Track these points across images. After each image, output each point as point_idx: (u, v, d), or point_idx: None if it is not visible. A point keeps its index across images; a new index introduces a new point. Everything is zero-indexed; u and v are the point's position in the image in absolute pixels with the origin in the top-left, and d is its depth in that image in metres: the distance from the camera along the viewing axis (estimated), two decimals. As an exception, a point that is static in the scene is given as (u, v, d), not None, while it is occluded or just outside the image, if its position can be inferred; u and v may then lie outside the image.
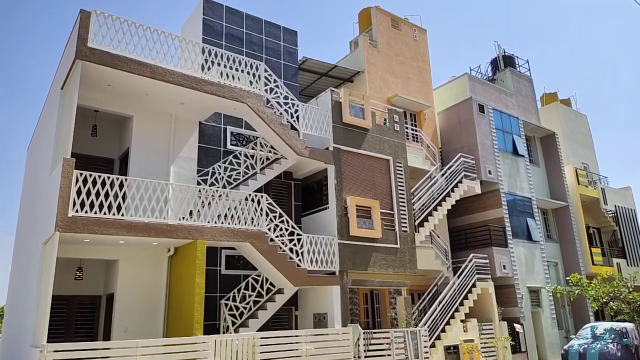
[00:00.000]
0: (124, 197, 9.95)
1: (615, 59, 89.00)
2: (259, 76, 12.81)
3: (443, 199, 17.05)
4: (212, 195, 11.24)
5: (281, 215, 12.40)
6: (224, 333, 11.60)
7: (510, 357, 16.26)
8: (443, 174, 17.66)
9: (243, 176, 13.22)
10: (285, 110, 13.38)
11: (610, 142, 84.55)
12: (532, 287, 18.86)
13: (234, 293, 12.25)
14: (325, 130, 13.88)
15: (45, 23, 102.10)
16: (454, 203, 17.38)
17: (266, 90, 13.08)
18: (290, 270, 11.88)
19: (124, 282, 10.92)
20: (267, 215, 12.07)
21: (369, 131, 14.82)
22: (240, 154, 13.35)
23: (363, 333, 11.90)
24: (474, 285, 16.45)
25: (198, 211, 10.92)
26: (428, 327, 14.33)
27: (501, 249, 18.18)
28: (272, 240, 11.99)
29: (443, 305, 15.31)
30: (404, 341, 12.56)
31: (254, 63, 12.81)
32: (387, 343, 12.24)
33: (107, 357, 8.30)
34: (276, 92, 13.38)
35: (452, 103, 20.68)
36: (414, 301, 16.30)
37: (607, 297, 16.87)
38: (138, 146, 11.83)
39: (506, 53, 24.53)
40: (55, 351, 7.85)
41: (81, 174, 9.35)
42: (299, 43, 16.28)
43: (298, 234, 12.53)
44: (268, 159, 13.64)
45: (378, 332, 12.35)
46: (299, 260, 12.28)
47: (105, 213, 9.52)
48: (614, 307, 17.00)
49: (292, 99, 13.54)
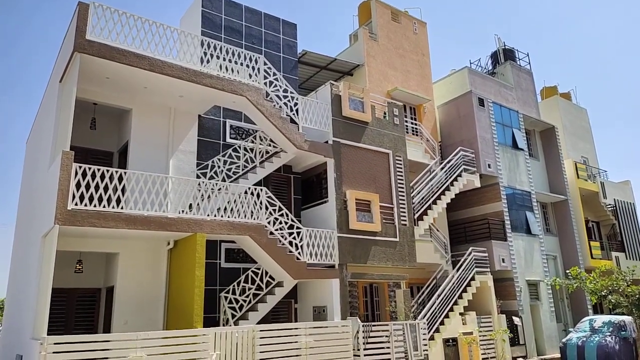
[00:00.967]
0: (124, 191, 9.95)
1: (616, 53, 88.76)
2: (259, 69, 12.77)
3: (442, 193, 17.06)
4: (212, 188, 11.25)
5: (281, 208, 12.41)
6: (224, 326, 11.65)
7: (508, 350, 16.35)
8: (442, 168, 17.65)
9: (242, 170, 13.21)
10: (284, 103, 13.35)
11: (610, 136, 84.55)
12: (531, 281, 18.92)
13: (234, 286, 12.29)
14: (324, 123, 13.86)
15: (44, 15, 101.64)
16: (454, 197, 17.38)
17: (265, 83, 13.04)
18: (289, 263, 11.91)
19: (124, 275, 10.95)
20: (267, 208, 12.08)
21: (369, 125, 14.80)
22: (239, 148, 13.33)
23: (362, 326, 11.94)
24: (473, 278, 16.50)
25: (198, 204, 10.93)
26: (427, 320, 14.39)
27: (500, 243, 18.22)
28: (272, 233, 12.00)
29: (442, 298, 15.36)
30: (403, 334, 12.61)
31: (253, 56, 12.76)
32: (386, 336, 12.29)
33: (107, 350, 8.33)
34: (275, 86, 13.35)
35: (452, 97, 20.63)
36: (413, 294, 16.35)
37: (606, 291, 16.93)
38: (137, 139, 11.81)
39: (506, 46, 24.44)
40: (55, 343, 7.88)
41: (80, 167, 9.34)
42: (299, 36, 16.27)
43: (297, 228, 12.54)
44: (267, 153, 13.63)
45: (377, 325, 12.40)
46: (299, 253, 12.31)
47: (104, 206, 9.52)
48: (613, 301, 17.06)
49: (292, 92, 13.51)
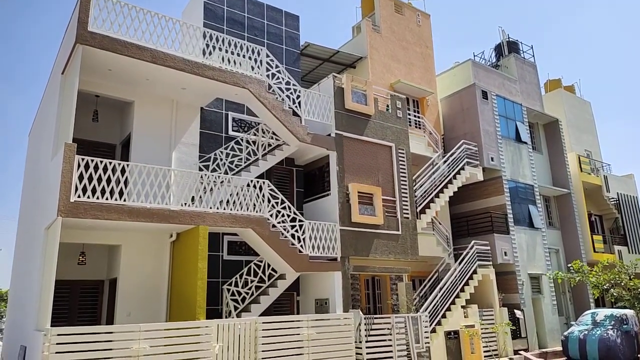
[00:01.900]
0: (126, 183, 9.95)
1: (620, 47, 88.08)
2: (261, 61, 12.71)
3: (445, 186, 17.02)
4: (214, 181, 11.24)
5: (283, 201, 12.40)
6: (227, 318, 11.69)
7: (510, 343, 16.38)
8: (445, 161, 17.60)
9: (245, 162, 13.19)
10: (287, 96, 13.29)
11: (613, 129, 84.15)
12: (533, 274, 18.91)
13: (236, 278, 12.32)
14: (327, 116, 13.81)
15: (46, 6, 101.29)
16: (456, 190, 17.35)
17: (268, 75, 12.98)
18: (292, 256, 11.92)
19: (127, 267, 10.97)
20: (269, 201, 12.07)
21: (372, 117, 14.74)
22: (242, 140, 13.30)
23: (364, 318, 11.97)
24: (475, 271, 16.50)
25: (200, 197, 10.92)
26: (429, 313, 14.42)
27: (502, 236, 18.19)
28: (274, 226, 12.00)
29: (444, 291, 15.38)
30: (405, 326, 12.64)
31: (256, 48, 12.70)
32: (388, 328, 12.32)
33: (110, 341, 8.37)
34: (278, 78, 13.29)
35: (455, 89, 20.52)
36: (415, 287, 16.38)
37: (608, 284, 16.91)
38: (139, 132, 11.79)
39: (510, 39, 24.26)
40: (58, 335, 7.92)
41: (83, 159, 9.34)
42: (301, 28, 16.17)
43: (300, 220, 12.54)
44: (270, 145, 13.59)
45: (379, 318, 12.42)
46: (301, 246, 12.31)
47: (107, 198, 9.53)
48: (615, 294, 17.05)
49: (294, 85, 13.45)
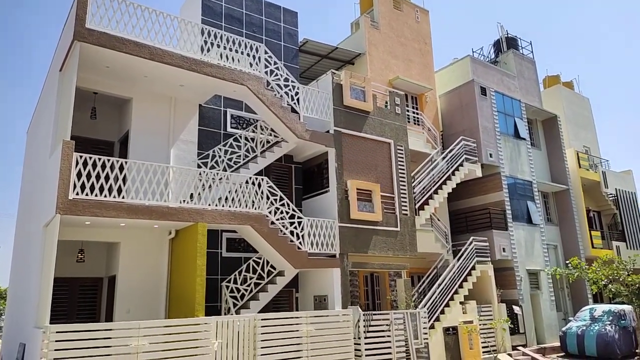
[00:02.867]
0: (125, 180, 9.94)
1: (619, 43, 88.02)
2: (259, 58, 12.68)
3: (444, 183, 17.04)
4: (213, 178, 11.23)
5: (282, 198, 12.41)
6: (226, 315, 11.71)
7: (508, 339, 16.44)
8: (444, 157, 17.61)
9: (243, 159, 13.18)
10: (285, 92, 13.27)
11: (612, 125, 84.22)
12: (532, 270, 18.96)
13: (235, 275, 12.33)
14: (326, 113, 13.80)
15: (46, 4, 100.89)
16: (455, 186, 17.36)
17: (266, 72, 12.96)
18: (290, 252, 11.93)
19: (126, 265, 10.98)
20: (268, 198, 12.08)
21: (370, 114, 14.73)
22: (240, 137, 13.29)
23: (363, 315, 12.00)
24: (474, 267, 16.54)
25: (199, 194, 10.92)
26: (427, 309, 14.45)
27: (501, 232, 18.24)
28: (273, 223, 12.01)
29: (442, 287, 15.42)
30: (404, 322, 12.67)
31: (254, 45, 12.67)
32: (387, 325, 12.35)
33: (109, 338, 8.38)
34: (276, 74, 13.26)
35: (454, 85, 20.51)
36: (414, 284, 16.41)
37: (606, 280, 16.96)
38: (138, 129, 11.77)
39: (509, 35, 24.24)
40: (57, 332, 7.92)
41: (81, 157, 9.32)
42: (300, 24, 16.12)
43: (299, 217, 12.55)
44: (268, 142, 13.58)
45: (378, 314, 12.45)
46: (300, 243, 12.33)
47: (105, 196, 9.52)
48: (613, 290, 17.10)
49: (293, 82, 13.43)
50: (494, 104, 20.11)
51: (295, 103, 13.32)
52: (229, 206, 11.19)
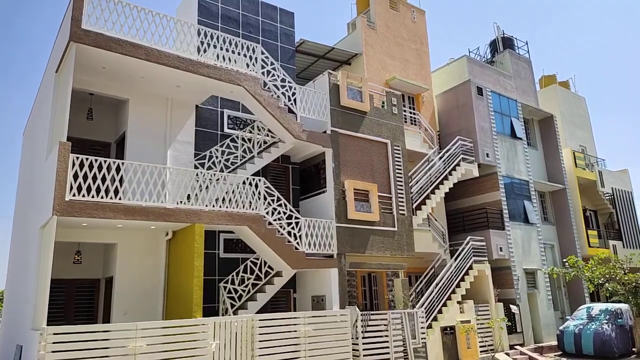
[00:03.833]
0: (121, 181, 9.93)
1: (615, 42, 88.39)
2: (256, 59, 12.68)
3: (441, 182, 17.06)
4: (210, 179, 11.23)
5: (279, 198, 12.41)
6: (223, 315, 11.70)
7: (506, 338, 16.48)
8: (441, 157, 17.64)
9: (240, 160, 13.18)
10: (282, 93, 13.28)
11: (608, 125, 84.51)
12: (529, 269, 19.01)
13: (233, 276, 12.33)
14: (322, 113, 13.81)
15: (43, 4, 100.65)
16: (452, 186, 17.39)
17: (263, 73, 12.96)
18: (288, 253, 11.93)
19: (123, 266, 10.97)
20: (265, 199, 12.08)
21: (367, 114, 14.75)
22: (237, 138, 13.29)
23: (361, 315, 12.01)
24: (471, 267, 16.57)
25: (196, 195, 10.91)
26: (425, 309, 14.48)
27: (498, 232, 18.28)
28: (270, 223, 12.01)
29: (440, 287, 15.44)
30: (401, 322, 12.69)
31: (251, 45, 12.67)
32: (385, 324, 12.36)
33: (107, 340, 8.37)
34: (273, 75, 13.27)
35: (451, 86, 20.55)
36: (412, 283, 16.43)
37: (603, 279, 17.03)
38: (134, 130, 11.75)
39: (505, 35, 24.31)
40: (55, 334, 7.91)
41: (77, 158, 9.31)
42: (296, 25, 16.11)
43: (296, 218, 12.55)
44: (265, 143, 13.58)
45: (376, 314, 12.47)
46: (297, 243, 12.33)
47: (102, 197, 9.51)
48: (610, 289, 17.18)
49: (289, 82, 13.44)
50: (491, 104, 20.16)
51: (292, 103, 13.33)
52: (226, 207, 11.18)
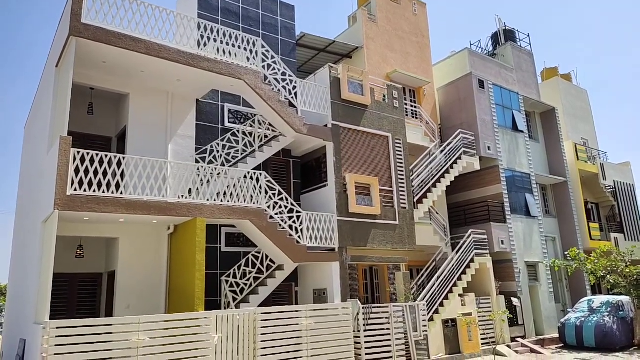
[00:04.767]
0: (123, 176, 9.93)
1: (617, 35, 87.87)
2: (256, 52, 12.64)
3: (442, 176, 17.04)
4: (211, 173, 11.23)
5: (280, 192, 12.41)
6: (225, 309, 11.75)
7: (507, 330, 16.52)
8: (442, 151, 17.61)
9: (241, 154, 13.18)
10: (283, 87, 13.25)
11: (610, 117, 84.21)
12: (530, 262, 19.02)
13: (235, 270, 12.36)
14: (323, 107, 13.77)
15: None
16: (453, 179, 17.37)
17: (264, 66, 12.92)
18: (290, 247, 11.95)
19: (125, 260, 11.00)
20: (266, 193, 12.08)
21: (368, 108, 14.71)
22: (238, 132, 13.27)
23: (362, 308, 12.04)
24: (472, 260, 16.59)
25: (197, 189, 10.92)
26: (426, 302, 14.50)
27: (500, 225, 18.27)
28: (272, 217, 12.02)
29: (441, 280, 15.46)
30: (403, 315, 12.72)
31: (251, 39, 12.62)
32: (386, 317, 12.40)
33: (110, 334, 8.40)
34: (274, 69, 13.22)
35: (452, 79, 20.47)
36: (413, 277, 16.46)
37: (605, 271, 17.04)
38: (135, 124, 11.74)
39: (507, 27, 24.18)
40: (58, 328, 7.94)
41: (78, 153, 9.31)
42: (297, 18, 16.04)
43: (297, 212, 12.56)
44: (266, 137, 13.57)
45: (377, 307, 12.50)
46: (299, 237, 12.34)
47: (104, 191, 9.52)
48: (611, 281, 17.20)
49: (290, 76, 13.39)
50: (492, 97, 20.08)
51: (292, 97, 13.29)
52: (228, 201, 11.19)
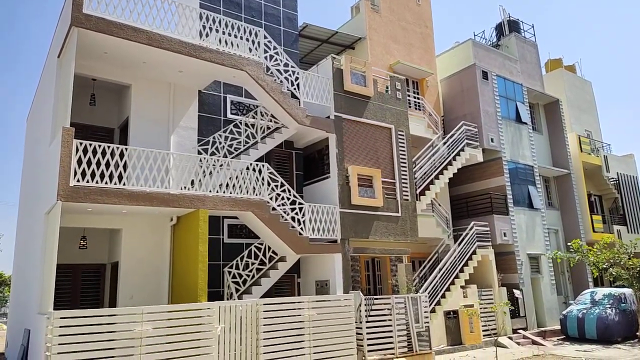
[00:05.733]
0: (125, 167, 9.93)
1: (622, 27, 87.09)
2: (259, 43, 12.57)
3: (445, 168, 17.01)
4: (213, 164, 11.22)
5: (283, 184, 12.40)
6: (228, 300, 11.79)
7: (509, 322, 16.57)
8: (445, 143, 17.55)
9: (244, 145, 13.15)
10: (285, 78, 13.18)
11: (614, 109, 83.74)
12: (532, 254, 19.03)
13: (237, 261, 12.39)
14: (326, 98, 13.72)
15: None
16: (456, 171, 17.34)
17: (266, 57, 12.85)
18: (292, 238, 11.96)
19: (128, 251, 11.04)
20: (269, 184, 12.07)
21: (371, 99, 14.64)
22: (240, 123, 13.24)
23: (364, 299, 12.07)
24: (475, 252, 16.60)
25: (200, 180, 10.92)
26: (428, 293, 14.54)
27: (502, 217, 18.25)
28: (274, 209, 12.02)
29: (443, 272, 15.49)
30: (405, 307, 12.75)
31: (253, 29, 12.54)
32: (388, 309, 12.43)
33: (113, 324, 8.45)
34: (276, 60, 13.16)
35: (456, 70, 20.35)
36: (415, 268, 16.49)
37: (607, 263, 17.04)
38: (137, 115, 11.72)
39: (511, 18, 23.98)
40: (61, 318, 7.98)
41: (81, 144, 9.30)
42: (299, 8, 15.92)
43: (300, 203, 12.56)
44: (269, 128, 13.53)
45: (379, 299, 12.52)
46: (301, 228, 12.35)
47: (106, 182, 9.52)
48: (614, 273, 17.20)
49: (293, 67, 13.33)
50: (496, 88, 19.97)
51: (295, 88, 13.23)
52: (230, 192, 11.19)
